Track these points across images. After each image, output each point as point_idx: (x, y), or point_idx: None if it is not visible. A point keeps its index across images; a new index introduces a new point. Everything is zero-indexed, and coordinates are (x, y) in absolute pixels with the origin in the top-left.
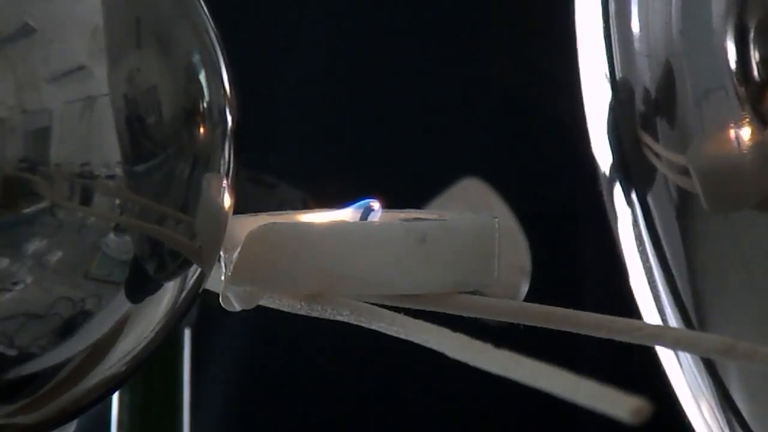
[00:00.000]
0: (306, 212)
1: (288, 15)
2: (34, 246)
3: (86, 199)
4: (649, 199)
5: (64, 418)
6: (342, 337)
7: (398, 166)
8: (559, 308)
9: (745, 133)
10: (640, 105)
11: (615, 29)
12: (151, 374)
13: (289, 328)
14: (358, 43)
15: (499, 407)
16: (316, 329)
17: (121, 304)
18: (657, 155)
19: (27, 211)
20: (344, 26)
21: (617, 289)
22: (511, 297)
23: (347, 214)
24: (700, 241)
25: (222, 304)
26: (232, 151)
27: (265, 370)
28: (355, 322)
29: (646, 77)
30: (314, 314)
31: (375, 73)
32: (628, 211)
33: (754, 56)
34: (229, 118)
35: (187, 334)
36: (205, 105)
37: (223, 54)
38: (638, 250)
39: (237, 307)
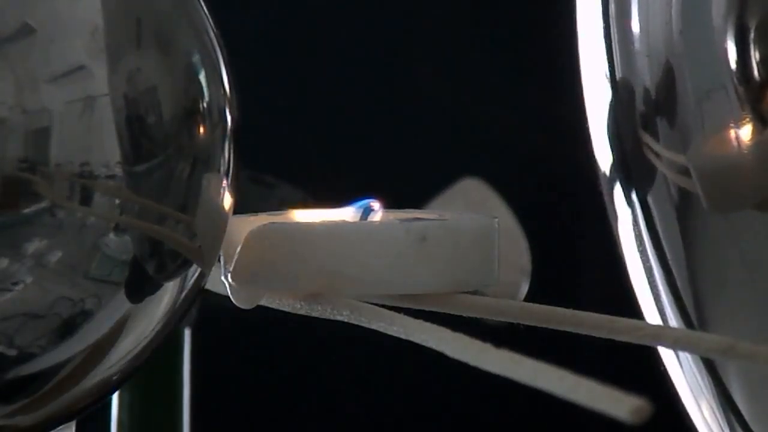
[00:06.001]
0: (306, 212)
1: (290, 15)
2: (34, 246)
3: (86, 199)
4: (650, 199)
5: (64, 418)
6: (346, 337)
7: (398, 166)
8: (559, 308)
9: (746, 133)
10: (640, 105)
11: (615, 29)
12: (151, 374)
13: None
14: (359, 44)
15: (499, 407)
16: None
17: (121, 304)
18: (657, 155)
19: (27, 211)
20: (347, 28)
21: (617, 289)
22: (511, 297)
23: (347, 214)
24: (700, 241)
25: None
26: (232, 151)
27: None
28: (355, 322)
29: (647, 77)
30: (314, 314)
31: (376, 74)
32: (629, 211)
33: (755, 56)
34: (229, 118)
35: (187, 334)
36: (205, 105)
37: (223, 54)
38: (638, 250)
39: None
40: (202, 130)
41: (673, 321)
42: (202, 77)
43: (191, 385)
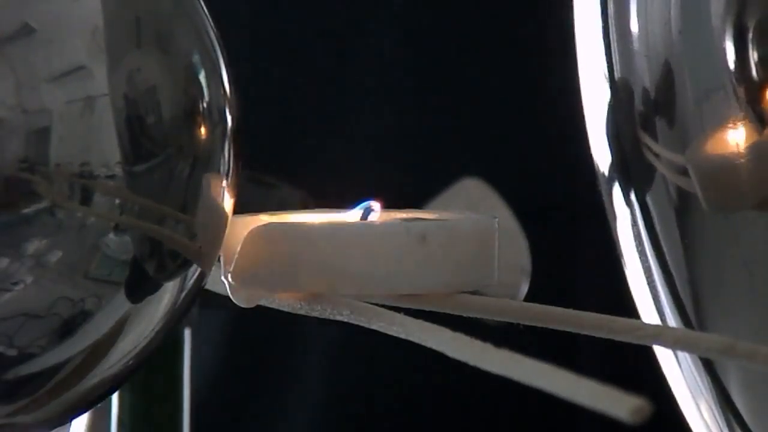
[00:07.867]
0: (306, 212)
1: (290, 15)
2: (34, 246)
3: (86, 199)
4: (648, 200)
5: (64, 418)
6: (346, 337)
7: (398, 166)
8: (559, 308)
9: (744, 133)
10: (639, 105)
11: (614, 29)
12: (151, 374)
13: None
14: (359, 44)
15: (498, 407)
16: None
17: (121, 304)
18: (656, 155)
19: (27, 211)
20: (347, 28)
21: (617, 289)
22: (511, 297)
23: (347, 214)
24: (699, 241)
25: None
26: (232, 151)
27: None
28: (355, 322)
29: (646, 77)
30: (314, 314)
31: (375, 74)
32: (627, 211)
33: (753, 56)
34: (229, 118)
35: (187, 334)
36: (205, 105)
37: (223, 54)
38: (637, 250)
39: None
40: (202, 130)
41: (672, 321)
42: (202, 77)
43: (191, 385)
